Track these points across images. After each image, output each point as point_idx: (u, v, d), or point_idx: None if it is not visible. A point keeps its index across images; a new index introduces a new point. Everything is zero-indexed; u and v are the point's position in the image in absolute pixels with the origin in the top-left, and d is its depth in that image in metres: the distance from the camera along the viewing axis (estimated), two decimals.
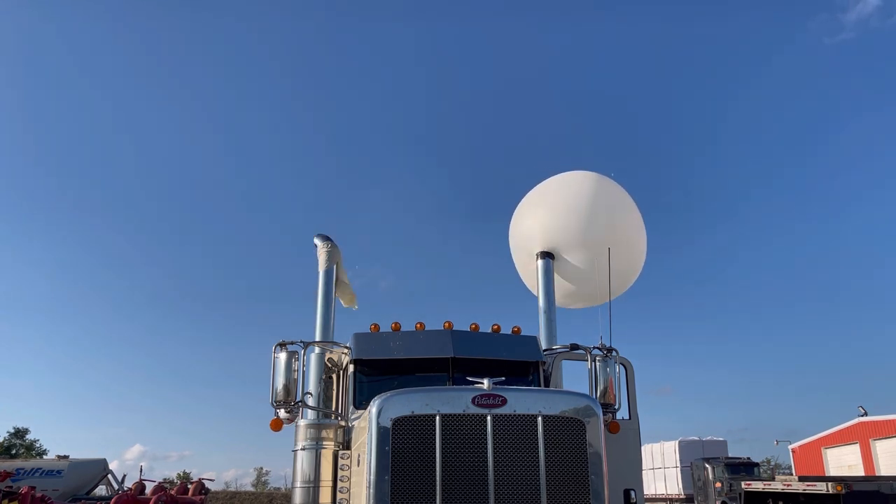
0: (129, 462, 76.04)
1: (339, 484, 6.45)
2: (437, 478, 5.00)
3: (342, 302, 10.01)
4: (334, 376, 7.98)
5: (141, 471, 34.99)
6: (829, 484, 21.67)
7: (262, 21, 79.70)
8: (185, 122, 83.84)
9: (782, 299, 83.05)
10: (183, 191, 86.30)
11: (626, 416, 7.55)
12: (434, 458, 5.05)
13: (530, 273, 10.89)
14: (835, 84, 77.45)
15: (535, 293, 10.67)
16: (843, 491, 20.91)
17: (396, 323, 7.61)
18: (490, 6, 79.84)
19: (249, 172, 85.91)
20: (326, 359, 7.92)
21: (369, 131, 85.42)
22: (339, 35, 79.89)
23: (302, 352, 7.08)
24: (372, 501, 5.00)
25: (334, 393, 7.91)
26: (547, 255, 10.36)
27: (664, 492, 37.96)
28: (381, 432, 5.15)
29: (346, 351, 7.64)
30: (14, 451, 44.25)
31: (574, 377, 7.99)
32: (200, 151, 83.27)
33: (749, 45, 77.02)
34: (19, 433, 46.84)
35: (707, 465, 30.83)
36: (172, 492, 21.22)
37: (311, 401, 7.31)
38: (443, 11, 79.77)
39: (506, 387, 5.45)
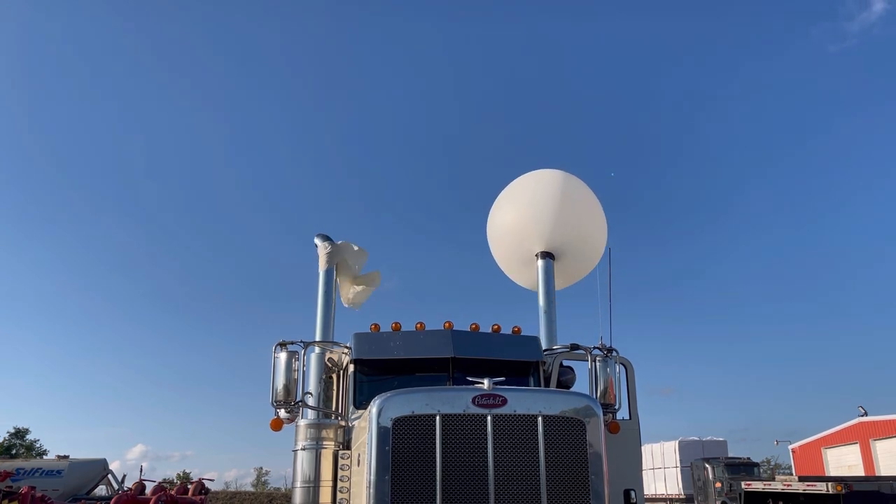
0: (130, 462, 76.06)
1: (340, 484, 6.45)
2: (438, 478, 5.00)
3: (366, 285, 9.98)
4: (334, 376, 7.98)
5: (141, 471, 35.08)
6: (829, 484, 21.68)
7: (268, 19, 79.72)
8: (192, 122, 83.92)
9: (782, 299, 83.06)
10: (186, 190, 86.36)
11: (627, 416, 7.55)
12: (434, 458, 5.04)
13: (518, 269, 11.00)
14: (833, 87, 77.58)
15: (516, 281, 10.92)
16: (843, 491, 20.92)
17: (397, 323, 7.61)
18: (487, 5, 79.87)
19: (253, 172, 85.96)
20: (326, 359, 7.92)
21: (374, 131, 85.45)
22: (347, 36, 79.95)
23: (302, 352, 7.07)
24: (372, 501, 4.99)
25: (334, 393, 7.91)
26: (547, 255, 10.38)
27: (664, 492, 37.99)
28: (382, 432, 5.15)
29: (346, 351, 7.65)
30: (14, 451, 44.25)
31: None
32: (205, 151, 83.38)
33: (749, 50, 77.10)
34: (19, 433, 46.84)
35: (707, 465, 30.84)
36: (172, 492, 21.22)
37: (311, 401, 7.30)
38: (443, 10, 79.81)
39: (506, 387, 5.45)
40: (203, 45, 79.94)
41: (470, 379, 5.74)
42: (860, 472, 35.97)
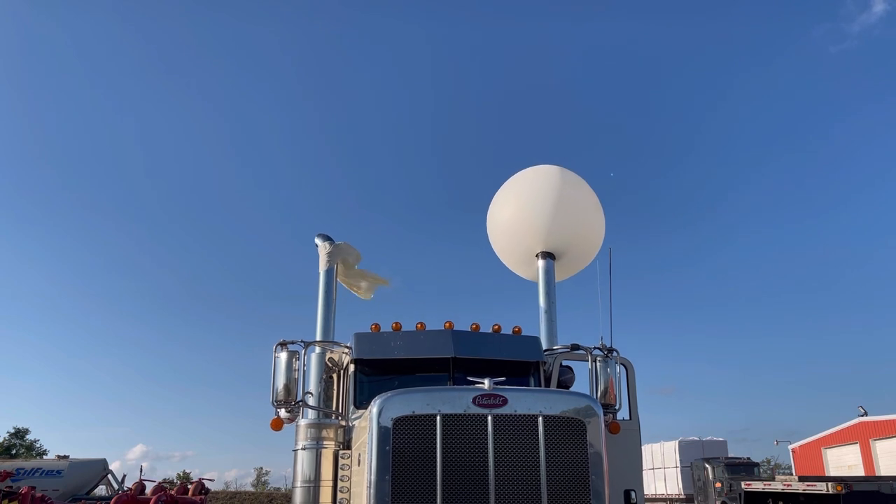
0: (131, 462, 75.90)
1: (340, 484, 6.46)
2: (438, 478, 5.00)
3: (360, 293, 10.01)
4: (335, 376, 7.98)
5: (141, 471, 35.01)
6: (829, 484, 21.66)
7: (267, 21, 79.70)
8: (191, 122, 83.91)
9: (783, 298, 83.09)
10: (186, 190, 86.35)
11: (627, 417, 7.56)
12: (435, 458, 5.05)
13: (519, 264, 11.06)
14: (833, 87, 77.71)
15: (522, 276, 11.01)
16: (843, 491, 20.90)
17: (397, 323, 7.61)
18: (484, 4, 79.87)
19: (253, 172, 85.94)
20: (327, 358, 7.92)
21: (373, 131, 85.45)
22: (345, 36, 79.94)
23: (302, 351, 7.08)
24: (372, 501, 5.00)
25: (335, 393, 7.91)
26: (547, 255, 10.39)
27: (664, 492, 37.98)
28: (382, 432, 5.15)
29: (346, 351, 7.65)
30: (14, 451, 44.27)
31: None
32: (205, 151, 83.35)
33: (751, 50, 77.17)
34: (19, 433, 46.83)
35: (707, 465, 30.82)
36: (172, 492, 21.23)
37: (311, 400, 7.30)
38: (439, 10, 79.80)
39: (506, 387, 5.45)
40: (202, 47, 79.99)
41: (470, 379, 5.74)
42: (860, 472, 35.94)
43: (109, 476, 25.01)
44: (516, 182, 11.22)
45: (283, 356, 6.91)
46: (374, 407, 5.30)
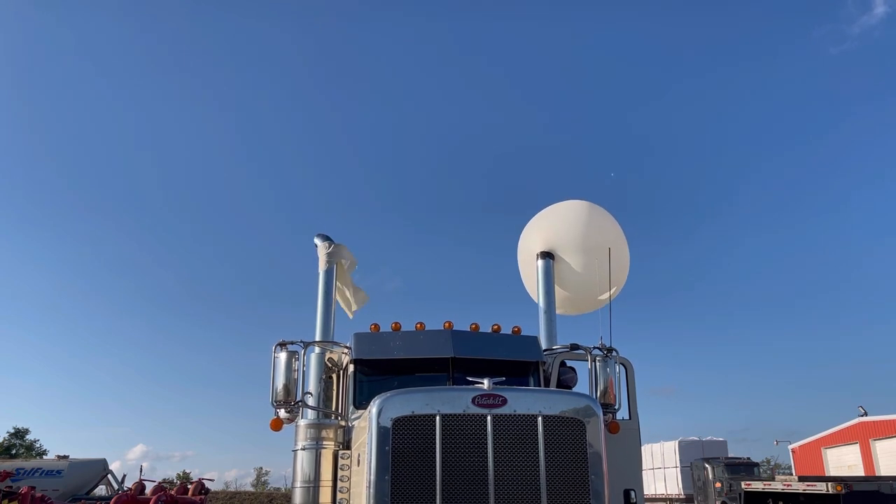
0: (131, 462, 76.12)
1: (340, 484, 6.46)
2: (438, 478, 5.00)
3: (347, 306, 9.99)
4: (334, 376, 7.98)
5: (141, 471, 35.05)
6: (829, 484, 21.66)
7: (275, 18, 79.64)
8: (195, 121, 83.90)
9: (782, 298, 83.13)
10: (187, 190, 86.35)
11: (627, 416, 7.56)
12: (434, 458, 5.05)
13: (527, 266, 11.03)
14: (833, 88, 77.77)
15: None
16: (843, 491, 20.90)
17: (397, 323, 7.62)
18: (494, 7, 79.87)
19: (253, 172, 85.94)
20: (326, 359, 7.92)
21: (375, 132, 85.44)
22: (348, 36, 79.87)
23: (302, 352, 7.08)
24: (372, 501, 5.00)
25: (334, 393, 7.92)
26: (547, 256, 10.36)
27: (664, 492, 37.98)
28: (382, 432, 5.15)
29: (346, 351, 7.65)
30: (14, 451, 44.29)
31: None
32: (207, 151, 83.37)
33: (752, 51, 77.22)
34: (19, 433, 46.87)
35: (707, 465, 30.82)
36: (172, 492, 21.22)
37: (311, 401, 7.31)
38: (450, 11, 79.83)
39: (506, 387, 5.45)
40: (208, 44, 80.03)
41: (470, 379, 5.75)
42: (860, 472, 35.95)
43: (109, 476, 25.01)
44: (548, 210, 11.26)
45: (282, 356, 6.91)
46: (373, 407, 5.30)
